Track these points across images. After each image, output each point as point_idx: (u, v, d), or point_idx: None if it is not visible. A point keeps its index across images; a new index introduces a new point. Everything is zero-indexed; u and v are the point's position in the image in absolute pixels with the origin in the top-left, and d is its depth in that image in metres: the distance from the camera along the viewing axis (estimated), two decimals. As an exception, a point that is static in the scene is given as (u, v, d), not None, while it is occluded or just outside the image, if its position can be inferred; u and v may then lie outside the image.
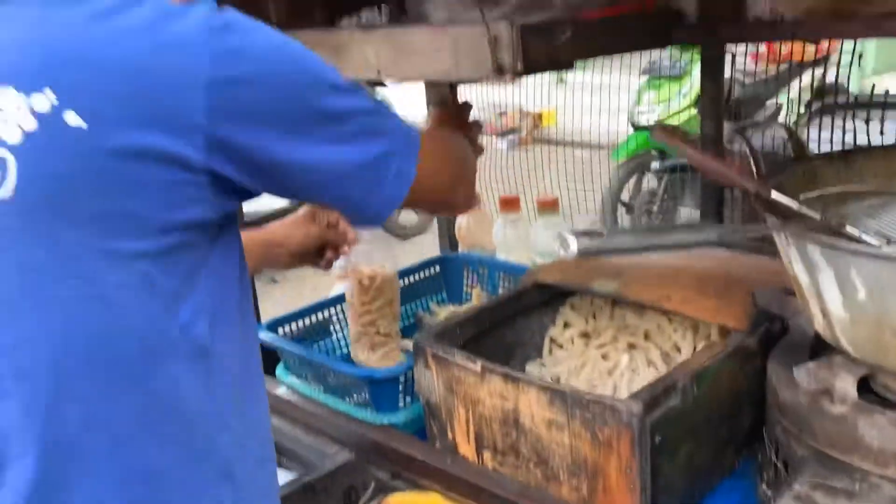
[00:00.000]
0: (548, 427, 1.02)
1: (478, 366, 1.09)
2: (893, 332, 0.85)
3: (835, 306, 0.88)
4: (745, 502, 1.07)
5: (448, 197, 0.96)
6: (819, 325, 0.94)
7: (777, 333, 1.12)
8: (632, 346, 1.33)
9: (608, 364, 1.27)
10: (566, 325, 1.42)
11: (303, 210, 1.32)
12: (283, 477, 1.22)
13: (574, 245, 0.86)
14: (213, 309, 0.76)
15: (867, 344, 0.89)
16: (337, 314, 1.56)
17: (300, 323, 1.51)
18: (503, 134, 6.85)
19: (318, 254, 1.33)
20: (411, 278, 1.70)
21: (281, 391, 1.45)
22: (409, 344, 1.33)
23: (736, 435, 1.09)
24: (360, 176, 0.78)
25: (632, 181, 4.38)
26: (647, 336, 1.34)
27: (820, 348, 1.00)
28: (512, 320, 1.35)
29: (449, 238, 1.91)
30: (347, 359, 1.50)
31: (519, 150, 5.99)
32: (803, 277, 0.91)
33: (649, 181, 4.34)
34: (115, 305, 0.71)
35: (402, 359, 1.43)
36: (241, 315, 0.82)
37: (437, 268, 1.74)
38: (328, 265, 1.35)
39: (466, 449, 1.15)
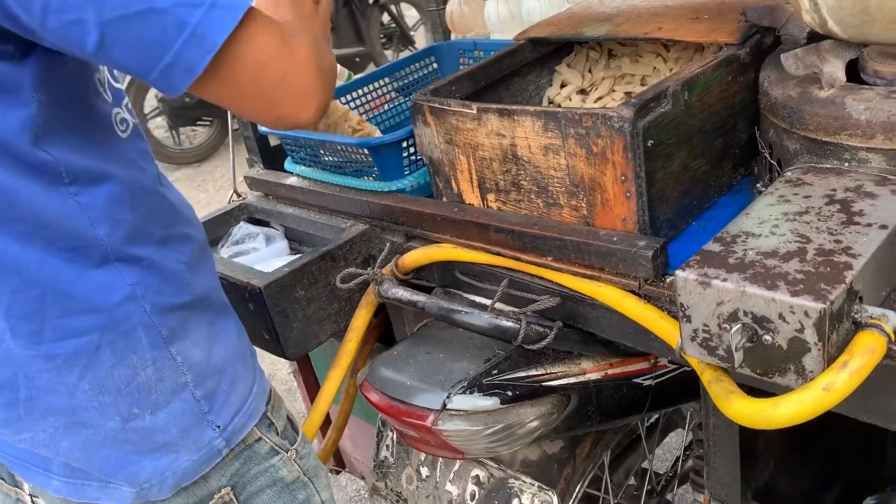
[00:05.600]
0: (544, 153, 1.05)
1: (473, 108, 1.10)
2: (878, -4, 0.84)
3: (820, -18, 0.88)
4: (743, 212, 1.10)
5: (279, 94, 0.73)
6: (806, 12, 0.94)
7: (769, 46, 1.12)
8: (629, 95, 1.33)
9: (605, 108, 1.29)
10: (563, 85, 1.42)
11: None
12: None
13: None
14: (43, 122, 0.74)
15: (853, 17, 0.88)
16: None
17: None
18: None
19: None
20: (406, 71, 1.69)
21: (291, 181, 1.49)
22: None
23: (732, 149, 1.11)
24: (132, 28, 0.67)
25: None
26: (643, 82, 1.34)
27: (810, 44, 1.00)
28: (508, 80, 1.35)
29: (443, 30, 1.88)
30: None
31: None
32: (788, -42, 0.90)
33: None
34: None
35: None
36: (92, 125, 0.80)
37: (432, 58, 1.72)
38: None
39: (471, 197, 1.19)
